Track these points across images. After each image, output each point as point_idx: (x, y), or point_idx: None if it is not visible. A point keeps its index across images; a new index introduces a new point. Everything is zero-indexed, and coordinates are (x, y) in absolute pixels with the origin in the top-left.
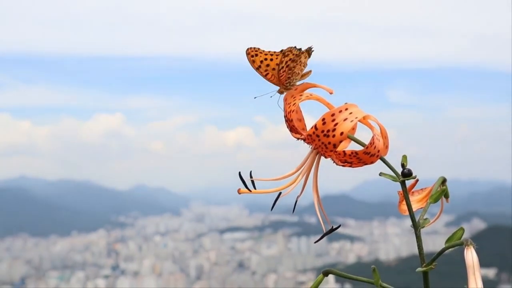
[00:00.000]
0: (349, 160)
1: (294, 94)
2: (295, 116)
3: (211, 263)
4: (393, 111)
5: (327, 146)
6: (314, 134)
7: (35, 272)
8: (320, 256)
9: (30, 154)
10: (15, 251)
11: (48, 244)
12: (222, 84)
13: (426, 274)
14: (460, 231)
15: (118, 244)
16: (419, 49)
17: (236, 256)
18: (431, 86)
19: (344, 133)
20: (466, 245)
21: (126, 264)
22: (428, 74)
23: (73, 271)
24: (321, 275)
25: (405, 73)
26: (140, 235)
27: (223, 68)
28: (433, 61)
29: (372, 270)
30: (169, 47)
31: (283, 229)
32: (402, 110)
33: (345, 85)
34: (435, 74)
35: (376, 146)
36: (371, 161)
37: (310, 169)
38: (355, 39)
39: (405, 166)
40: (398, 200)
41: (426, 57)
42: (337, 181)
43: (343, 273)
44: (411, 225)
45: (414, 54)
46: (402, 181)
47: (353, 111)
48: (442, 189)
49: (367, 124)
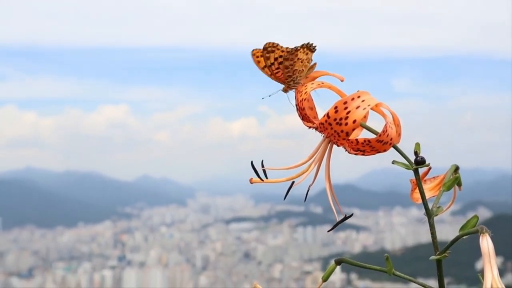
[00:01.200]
0: (361, 148)
1: (305, 83)
2: (307, 105)
3: (217, 254)
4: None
5: (340, 135)
6: (327, 122)
7: (42, 263)
8: (326, 245)
9: (36, 146)
10: (22, 242)
11: (55, 235)
12: (227, 75)
13: (440, 262)
14: (474, 219)
15: (124, 235)
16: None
17: (242, 246)
18: (436, 75)
19: (357, 121)
20: (482, 233)
21: (132, 255)
22: (433, 63)
23: (79, 262)
24: (334, 264)
25: (410, 62)
26: (146, 226)
27: (228, 59)
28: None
29: (385, 259)
30: (173, 38)
31: (289, 219)
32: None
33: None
34: (440, 63)
35: (389, 134)
36: (384, 149)
37: (322, 158)
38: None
39: (418, 154)
40: (410, 188)
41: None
42: (342, 170)
43: (356, 261)
44: (424, 213)
45: (419, 43)
46: (415, 169)
47: (366, 99)
48: (455, 177)
49: (379, 112)
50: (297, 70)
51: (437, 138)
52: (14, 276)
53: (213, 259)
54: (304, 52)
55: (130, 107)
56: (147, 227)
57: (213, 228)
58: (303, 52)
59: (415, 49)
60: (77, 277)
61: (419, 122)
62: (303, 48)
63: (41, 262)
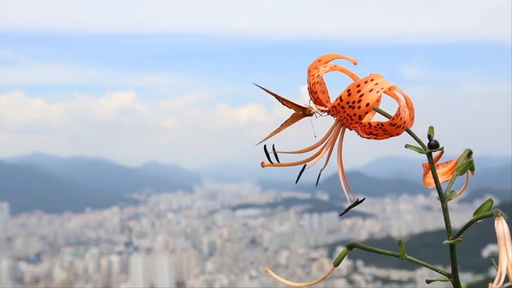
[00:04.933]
0: (374, 132)
1: (318, 66)
2: (319, 88)
3: (223, 240)
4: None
5: (353, 118)
6: (339, 105)
7: (50, 248)
8: (332, 232)
9: (44, 132)
10: (30, 227)
11: (63, 220)
12: (234, 61)
13: (453, 247)
14: (489, 203)
15: (132, 221)
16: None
17: (249, 232)
18: (445, 62)
19: (370, 104)
20: (497, 216)
21: (139, 241)
22: (441, 50)
23: (87, 247)
24: (346, 249)
25: (419, 49)
26: (153, 212)
27: (236, 45)
28: (447, 36)
29: (398, 243)
30: (181, 24)
31: (295, 205)
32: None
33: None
34: (449, 49)
35: (402, 117)
36: (397, 132)
37: (334, 141)
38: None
39: (432, 137)
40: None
41: (440, 32)
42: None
43: (368, 246)
44: (437, 197)
45: (428, 30)
46: (429, 152)
47: (379, 82)
48: (469, 161)
49: (392, 95)
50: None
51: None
52: (22, 260)
53: (220, 245)
54: (297, 109)
55: (138, 94)
56: (154, 213)
57: (219, 215)
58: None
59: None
60: (85, 262)
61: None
62: (298, 107)
63: (48, 247)
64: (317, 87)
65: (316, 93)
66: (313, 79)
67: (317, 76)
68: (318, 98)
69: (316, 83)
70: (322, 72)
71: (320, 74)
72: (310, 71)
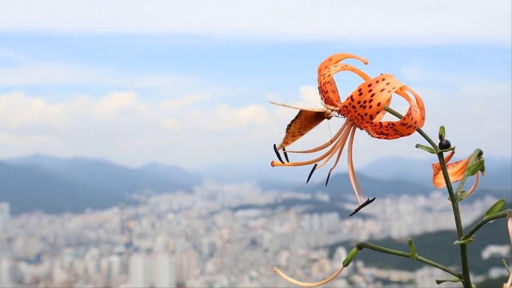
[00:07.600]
0: (385, 132)
1: (329, 65)
2: (330, 88)
3: (223, 241)
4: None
5: (364, 118)
6: (350, 105)
7: (50, 249)
8: (333, 233)
9: (44, 132)
10: (31, 228)
11: (63, 221)
12: (235, 62)
13: (464, 247)
14: (501, 203)
15: (132, 222)
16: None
17: (249, 233)
18: (446, 63)
19: (382, 104)
20: (510, 216)
21: (139, 241)
22: (443, 51)
23: (87, 248)
24: (355, 249)
25: (420, 50)
26: (153, 212)
27: (236, 46)
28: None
29: (408, 243)
30: (182, 24)
31: (296, 206)
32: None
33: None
34: (450, 51)
35: (414, 117)
36: (408, 132)
37: (344, 141)
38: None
39: (443, 137)
40: (432, 173)
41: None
42: None
43: (378, 246)
44: (448, 197)
45: (429, 31)
46: (440, 152)
47: (390, 82)
48: (480, 161)
49: (403, 95)
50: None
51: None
52: (22, 261)
53: (220, 246)
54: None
55: (138, 94)
56: (154, 214)
57: (220, 215)
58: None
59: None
60: (85, 263)
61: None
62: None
63: (49, 247)
64: (328, 87)
65: (327, 92)
66: (324, 79)
67: (328, 75)
68: (329, 97)
69: (327, 83)
70: (333, 71)
71: (331, 73)
72: (320, 71)
